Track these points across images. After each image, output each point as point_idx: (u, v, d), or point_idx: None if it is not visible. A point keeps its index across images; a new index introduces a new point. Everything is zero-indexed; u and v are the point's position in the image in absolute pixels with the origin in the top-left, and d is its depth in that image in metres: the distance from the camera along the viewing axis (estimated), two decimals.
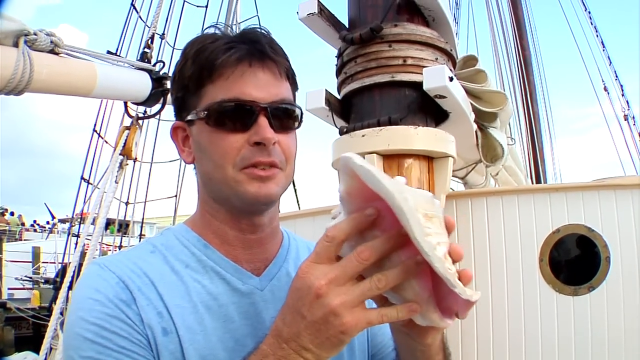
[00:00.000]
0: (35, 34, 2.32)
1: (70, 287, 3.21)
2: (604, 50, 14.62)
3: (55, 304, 7.89)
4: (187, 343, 0.98)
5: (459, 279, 0.81)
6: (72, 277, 3.15)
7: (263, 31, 1.11)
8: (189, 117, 1.10)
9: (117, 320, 0.94)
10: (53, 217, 27.41)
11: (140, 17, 6.98)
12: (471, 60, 3.53)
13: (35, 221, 30.52)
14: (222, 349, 1.01)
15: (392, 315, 0.84)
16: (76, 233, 7.97)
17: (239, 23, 8.74)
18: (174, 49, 7.48)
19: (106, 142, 7.22)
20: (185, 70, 1.08)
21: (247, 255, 1.13)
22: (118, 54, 4.73)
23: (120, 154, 3.15)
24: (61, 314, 3.20)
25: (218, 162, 1.05)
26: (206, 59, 1.05)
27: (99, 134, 7.14)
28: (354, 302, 0.82)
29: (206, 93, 1.06)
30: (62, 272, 9.58)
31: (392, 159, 2.60)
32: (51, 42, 2.40)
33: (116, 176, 3.12)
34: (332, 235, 0.85)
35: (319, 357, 0.86)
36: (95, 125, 7.20)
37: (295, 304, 0.85)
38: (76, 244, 7.82)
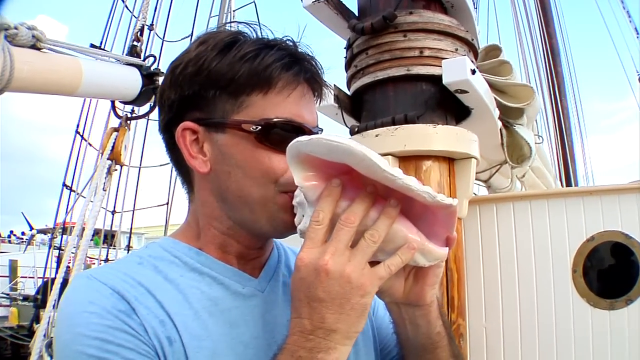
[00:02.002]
0: (16, 28, 2.33)
1: (55, 306, 3.21)
2: (638, 36, 14.63)
3: (36, 323, 7.92)
4: (193, 351, 1.00)
5: None
6: (59, 294, 3.14)
7: (307, 47, 1.16)
8: (213, 121, 1.10)
9: (120, 332, 0.96)
10: (31, 228, 27.49)
11: (126, 6, 7.02)
12: (494, 50, 3.53)
13: (11, 232, 30.67)
14: (231, 354, 1.05)
15: (397, 262, 0.96)
16: (58, 245, 8.01)
17: (234, 11, 8.77)
18: (163, 40, 7.51)
19: (90, 145, 7.26)
20: (220, 67, 1.08)
21: (246, 264, 1.19)
22: (103, 47, 4.74)
23: (108, 159, 3.15)
24: (44, 335, 3.21)
25: (259, 180, 1.08)
26: (263, 67, 1.07)
27: (82, 136, 7.17)
28: (360, 263, 0.93)
29: (252, 104, 1.08)
30: (43, 288, 9.61)
31: (409, 161, 2.60)
32: (33, 36, 2.40)
33: (104, 183, 3.13)
34: (320, 218, 0.95)
35: (347, 334, 0.93)
36: (77, 126, 7.23)
37: (308, 292, 0.93)
38: (58, 257, 7.88)
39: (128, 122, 3.29)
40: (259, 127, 1.06)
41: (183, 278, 1.08)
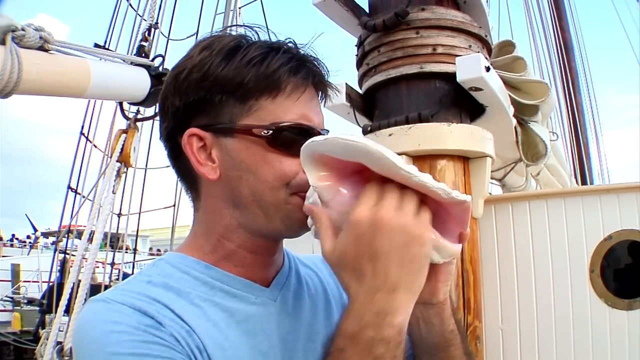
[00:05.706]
0: (23, 30, 2.35)
1: (66, 311, 3.23)
2: None
3: (42, 328, 7.94)
4: None
5: None
6: (69, 299, 3.15)
7: (311, 49, 1.17)
8: (221, 126, 1.11)
9: (154, 345, 0.95)
10: (35, 230, 27.56)
11: (130, 4, 7.04)
12: (507, 46, 3.52)
13: (14, 235, 30.73)
14: None
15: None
16: (63, 249, 8.03)
17: (240, 8, 8.79)
18: (168, 39, 7.51)
19: (95, 147, 7.28)
20: (227, 72, 1.09)
21: (261, 273, 1.20)
22: (107, 47, 4.77)
23: (117, 161, 3.15)
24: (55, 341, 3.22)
25: (271, 183, 1.09)
26: (272, 71, 1.08)
27: (87, 138, 7.19)
28: (412, 211, 0.94)
29: (261, 108, 1.10)
30: (49, 293, 9.62)
31: (424, 160, 2.61)
32: (40, 37, 2.43)
33: (113, 186, 3.14)
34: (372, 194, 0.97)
35: (410, 289, 0.95)
36: (82, 128, 7.25)
37: (369, 247, 0.93)
38: (62, 260, 7.90)
39: (137, 123, 3.31)
40: (270, 132, 1.08)
41: (195, 292, 1.09)
